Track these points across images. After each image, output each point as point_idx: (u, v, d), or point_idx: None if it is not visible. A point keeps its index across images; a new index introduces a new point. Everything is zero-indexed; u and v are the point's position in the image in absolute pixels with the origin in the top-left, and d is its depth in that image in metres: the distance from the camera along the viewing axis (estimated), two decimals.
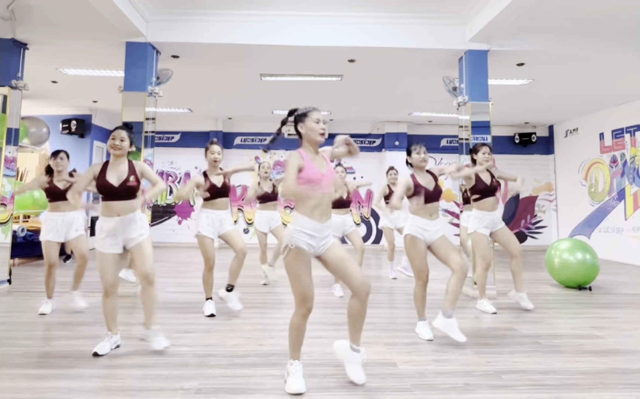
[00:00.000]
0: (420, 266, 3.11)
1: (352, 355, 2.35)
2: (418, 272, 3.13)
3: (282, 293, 4.66)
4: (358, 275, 2.27)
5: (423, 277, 3.13)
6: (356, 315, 2.31)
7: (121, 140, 2.80)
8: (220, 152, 3.77)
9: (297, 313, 2.23)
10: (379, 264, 6.98)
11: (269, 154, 9.62)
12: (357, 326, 2.34)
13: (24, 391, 2.20)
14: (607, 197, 8.00)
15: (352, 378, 2.31)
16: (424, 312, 3.23)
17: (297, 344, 2.28)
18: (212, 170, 3.78)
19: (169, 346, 2.81)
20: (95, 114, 8.76)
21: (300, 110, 2.36)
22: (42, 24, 4.76)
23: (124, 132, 2.85)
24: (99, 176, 2.75)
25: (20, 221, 6.76)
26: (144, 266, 2.77)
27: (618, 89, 6.72)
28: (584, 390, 2.30)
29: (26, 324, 3.40)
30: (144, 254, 2.78)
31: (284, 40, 4.93)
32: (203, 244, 3.69)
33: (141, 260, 2.77)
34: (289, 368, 2.28)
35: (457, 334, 2.98)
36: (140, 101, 4.70)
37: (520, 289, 4.02)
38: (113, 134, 2.83)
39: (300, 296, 2.21)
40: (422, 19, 4.92)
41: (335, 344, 2.45)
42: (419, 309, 3.22)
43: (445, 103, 7.25)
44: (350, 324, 2.34)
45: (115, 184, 2.74)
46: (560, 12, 4.59)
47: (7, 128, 4.61)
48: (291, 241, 2.20)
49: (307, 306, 2.22)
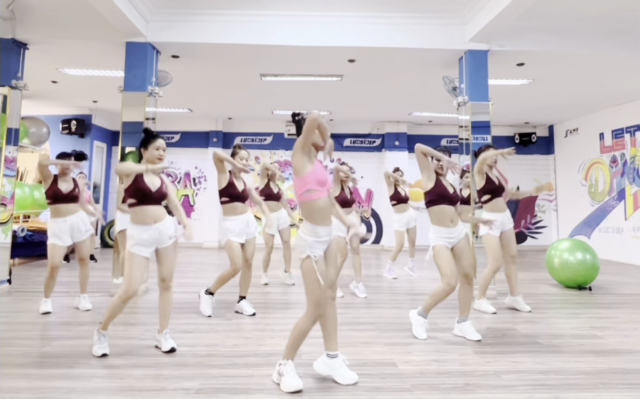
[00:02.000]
0: (450, 274, 3.03)
1: (332, 362, 2.36)
2: (448, 277, 3.02)
3: (282, 293, 4.66)
4: (329, 280, 2.30)
5: (453, 285, 3.03)
6: (327, 319, 2.34)
7: (164, 150, 2.82)
8: (248, 157, 3.81)
9: (310, 318, 2.24)
10: (379, 264, 6.98)
11: (269, 154, 9.63)
12: (330, 330, 2.36)
13: (24, 391, 2.20)
14: (607, 197, 8.00)
15: (344, 382, 2.31)
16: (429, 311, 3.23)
17: (297, 346, 2.29)
18: (236, 174, 3.77)
19: (176, 348, 2.82)
20: (95, 114, 8.76)
21: (303, 114, 2.37)
22: (42, 24, 4.76)
23: (164, 142, 2.85)
24: (136, 178, 2.71)
25: (20, 221, 6.77)
26: (163, 271, 2.79)
27: (618, 89, 6.72)
28: (584, 390, 2.30)
29: (26, 324, 3.40)
30: (165, 259, 2.79)
31: (284, 40, 4.93)
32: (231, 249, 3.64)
33: (162, 264, 2.79)
34: (282, 368, 2.27)
35: (473, 334, 3.09)
36: (140, 101, 4.70)
37: (514, 293, 4.03)
38: (156, 144, 2.78)
39: (317, 301, 2.22)
40: (422, 19, 4.92)
41: (314, 366, 2.42)
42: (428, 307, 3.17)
43: (445, 103, 7.26)
44: (322, 328, 2.37)
45: (153, 189, 2.74)
46: (560, 12, 4.59)
47: (7, 128, 4.61)
48: (313, 252, 2.24)
49: (321, 311, 2.24)
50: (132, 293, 2.65)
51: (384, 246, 9.32)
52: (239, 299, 3.79)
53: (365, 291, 4.60)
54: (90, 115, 8.69)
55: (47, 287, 3.73)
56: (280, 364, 2.30)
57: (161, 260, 2.79)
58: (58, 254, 3.66)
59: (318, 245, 2.25)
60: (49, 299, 3.75)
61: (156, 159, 2.78)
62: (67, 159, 3.81)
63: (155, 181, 2.79)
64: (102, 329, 2.74)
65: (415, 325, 3.20)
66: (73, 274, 5.34)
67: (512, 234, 3.96)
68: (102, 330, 2.74)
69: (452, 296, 4.42)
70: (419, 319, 3.21)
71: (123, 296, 2.65)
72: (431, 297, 3.15)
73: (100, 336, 2.74)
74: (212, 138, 9.58)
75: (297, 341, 2.28)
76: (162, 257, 2.79)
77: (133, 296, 2.68)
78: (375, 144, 9.84)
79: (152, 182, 2.76)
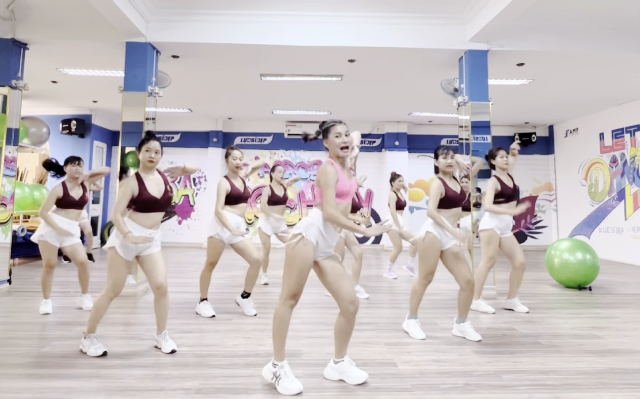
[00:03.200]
0: (432, 267, 3.12)
1: (339, 367, 2.37)
2: (427, 272, 3.12)
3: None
4: (349, 294, 2.28)
5: (430, 279, 3.15)
6: (343, 332, 2.33)
7: (156, 152, 2.78)
8: (242, 157, 3.79)
9: (285, 303, 2.24)
10: (379, 264, 6.98)
11: (269, 154, 9.63)
12: (343, 341, 2.36)
13: (24, 391, 2.20)
14: (607, 197, 7.99)
15: (355, 382, 2.32)
16: (417, 311, 3.25)
17: (283, 339, 2.26)
18: (234, 175, 3.77)
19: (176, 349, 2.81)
20: (95, 114, 8.76)
21: (325, 124, 2.36)
22: (42, 24, 4.76)
23: (158, 143, 2.81)
24: (140, 190, 2.68)
25: (20, 221, 6.76)
26: (159, 278, 2.77)
27: (618, 89, 6.71)
28: (584, 390, 2.30)
29: (26, 324, 3.40)
30: (158, 266, 2.78)
31: (284, 40, 4.93)
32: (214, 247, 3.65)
33: (156, 271, 2.77)
34: (279, 370, 2.24)
35: (473, 334, 3.10)
36: (140, 101, 4.70)
37: (512, 296, 4.02)
38: (147, 146, 2.75)
39: (296, 288, 2.22)
40: (422, 19, 4.91)
41: (325, 374, 2.42)
42: (414, 307, 3.23)
43: (445, 103, 7.25)
44: (336, 339, 2.36)
45: (158, 196, 2.73)
46: (560, 12, 4.59)
47: (7, 128, 4.61)
48: (305, 232, 2.21)
49: (297, 299, 2.25)
50: (119, 291, 2.69)
51: (384, 246, 9.32)
52: (243, 294, 3.79)
53: (366, 292, 4.59)
54: (90, 115, 8.69)
55: (45, 287, 3.71)
56: (276, 366, 2.26)
57: (153, 269, 2.76)
58: (52, 251, 3.63)
59: (313, 228, 2.22)
60: (48, 300, 3.75)
61: (147, 161, 2.75)
62: (75, 164, 3.76)
63: (160, 186, 2.78)
64: (88, 334, 2.72)
65: (410, 330, 3.20)
66: (72, 274, 5.33)
67: (514, 240, 3.94)
68: (89, 334, 2.72)
69: (452, 296, 4.44)
70: (410, 322, 3.23)
71: (111, 294, 2.67)
72: (412, 297, 3.21)
73: (92, 339, 2.71)
74: (212, 138, 9.58)
75: (281, 332, 2.25)
76: (152, 265, 2.76)
77: (118, 294, 2.70)
78: (375, 144, 9.83)
79: (157, 189, 2.75)
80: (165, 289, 2.80)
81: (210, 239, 3.66)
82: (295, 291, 2.22)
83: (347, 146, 2.30)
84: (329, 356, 2.54)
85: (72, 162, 3.77)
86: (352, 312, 2.27)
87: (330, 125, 2.33)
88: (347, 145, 2.30)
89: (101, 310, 2.71)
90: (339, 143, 2.29)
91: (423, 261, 3.13)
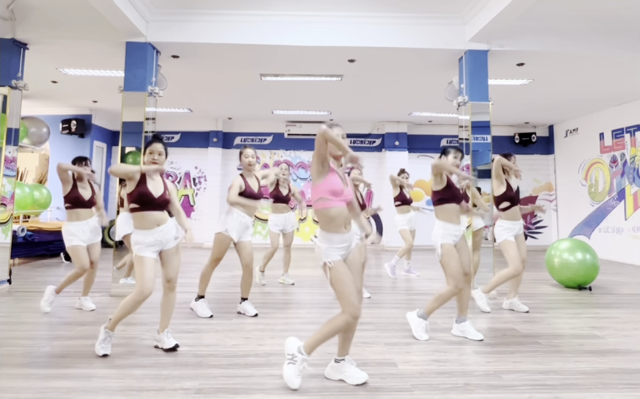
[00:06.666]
0: (459, 276, 3.04)
1: (339, 366, 2.38)
2: (456, 279, 3.03)
3: (282, 293, 4.66)
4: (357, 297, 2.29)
5: (460, 287, 3.05)
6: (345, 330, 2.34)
7: (159, 154, 2.82)
8: (254, 155, 3.78)
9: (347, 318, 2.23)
10: (379, 264, 6.98)
11: (269, 154, 9.63)
12: (345, 338, 2.37)
13: (24, 391, 2.20)
14: (607, 197, 8.00)
15: (355, 382, 2.32)
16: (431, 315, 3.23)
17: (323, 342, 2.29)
18: (248, 174, 3.77)
19: (179, 345, 2.82)
20: (95, 114, 8.77)
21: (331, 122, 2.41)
22: (42, 24, 4.76)
23: (161, 146, 2.85)
24: (139, 182, 2.71)
25: (20, 221, 6.76)
26: (174, 270, 2.81)
27: (618, 89, 6.72)
28: (584, 390, 2.30)
29: (26, 324, 3.40)
30: (172, 260, 2.81)
31: (284, 40, 4.93)
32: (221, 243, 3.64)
33: (169, 265, 2.80)
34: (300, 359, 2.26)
35: (475, 334, 3.10)
36: (140, 100, 4.70)
37: (510, 297, 4.03)
38: (150, 148, 2.81)
39: (353, 298, 2.23)
40: (422, 19, 4.92)
41: (325, 373, 2.44)
42: (431, 310, 3.17)
43: (445, 103, 7.26)
44: (339, 336, 2.37)
45: (155, 195, 2.74)
46: (560, 12, 4.59)
47: (7, 128, 4.61)
48: (328, 260, 2.26)
49: (353, 310, 2.22)
50: (148, 294, 2.64)
51: (384, 246, 9.32)
52: (240, 301, 3.79)
53: (367, 292, 4.59)
54: (90, 115, 8.69)
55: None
56: (301, 353, 2.28)
57: (166, 262, 2.81)
58: (83, 254, 3.64)
59: (332, 251, 2.26)
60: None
61: (150, 163, 2.80)
62: (82, 165, 3.80)
63: (158, 187, 2.79)
64: (110, 329, 2.72)
65: (415, 327, 3.18)
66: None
67: (523, 238, 3.98)
68: (109, 330, 2.73)
69: None
70: (419, 321, 3.20)
71: (138, 298, 2.63)
72: (436, 300, 3.13)
73: (107, 336, 2.73)
74: (212, 138, 9.58)
75: (324, 337, 2.26)
76: (166, 258, 2.80)
77: (148, 297, 2.66)
78: (375, 144, 9.84)
79: (155, 188, 2.76)
80: (173, 283, 2.83)
81: (218, 235, 3.65)
82: (354, 301, 2.23)
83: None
84: (329, 356, 2.54)
85: (79, 162, 3.80)
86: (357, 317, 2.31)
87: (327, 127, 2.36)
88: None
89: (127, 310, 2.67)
90: None
91: (448, 268, 3.08)
